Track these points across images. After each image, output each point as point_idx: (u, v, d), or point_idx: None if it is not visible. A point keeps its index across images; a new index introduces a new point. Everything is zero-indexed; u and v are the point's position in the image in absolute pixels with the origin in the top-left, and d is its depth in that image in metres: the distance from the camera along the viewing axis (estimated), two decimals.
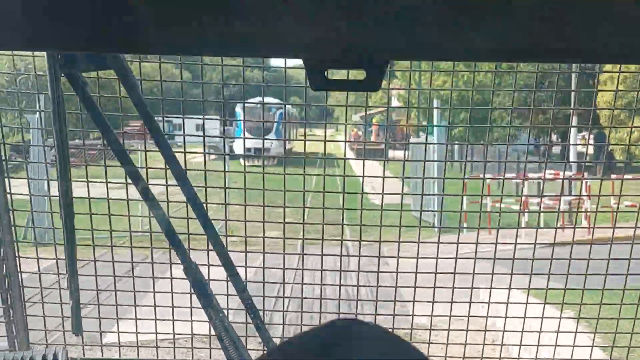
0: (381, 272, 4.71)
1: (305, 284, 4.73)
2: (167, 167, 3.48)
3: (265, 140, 5.07)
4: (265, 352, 1.35)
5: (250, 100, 9.27)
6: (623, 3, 1.41)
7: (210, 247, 3.67)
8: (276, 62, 4.56)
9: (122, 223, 4.23)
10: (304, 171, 4.79)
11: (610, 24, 1.46)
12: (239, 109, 10.61)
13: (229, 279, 3.67)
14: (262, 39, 1.57)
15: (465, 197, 6.74)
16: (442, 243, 4.55)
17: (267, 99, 5.06)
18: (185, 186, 3.45)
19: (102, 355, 4.35)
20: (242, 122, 9.66)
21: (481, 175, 5.64)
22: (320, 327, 1.34)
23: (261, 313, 3.85)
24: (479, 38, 1.63)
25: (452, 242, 4.72)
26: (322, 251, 4.53)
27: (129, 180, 3.43)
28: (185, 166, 3.96)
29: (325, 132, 5.45)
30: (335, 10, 1.50)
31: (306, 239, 5.25)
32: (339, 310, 4.52)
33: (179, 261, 3.45)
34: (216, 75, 4.29)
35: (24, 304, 4.16)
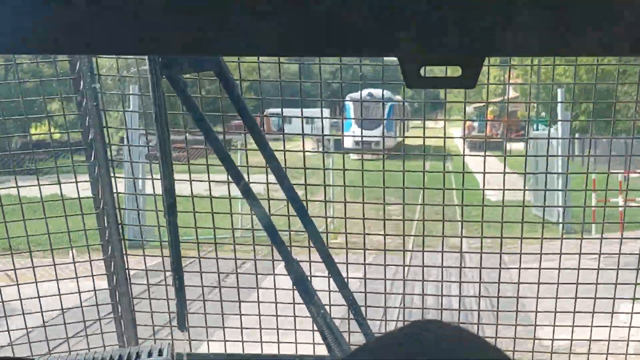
0: (502, 282, 4.59)
1: (413, 280, 4.66)
2: (267, 165, 3.51)
3: (375, 134, 5.12)
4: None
5: (352, 94, 8.99)
6: None
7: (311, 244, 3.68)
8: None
9: (225, 221, 4.28)
10: (423, 168, 4.71)
11: None
12: (348, 102, 10.47)
13: (329, 275, 3.67)
14: (358, 39, 1.56)
15: (593, 194, 6.44)
16: (565, 239, 4.47)
17: (378, 91, 5.11)
18: (284, 184, 3.47)
19: (209, 351, 4.41)
20: (350, 115, 9.34)
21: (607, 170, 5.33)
22: (402, 328, 1.33)
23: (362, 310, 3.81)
24: (586, 31, 1.57)
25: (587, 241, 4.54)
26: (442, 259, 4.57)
27: (230, 179, 3.46)
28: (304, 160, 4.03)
29: (444, 125, 5.47)
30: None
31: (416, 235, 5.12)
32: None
33: (281, 259, 3.49)
34: (323, 68, 4.37)
35: (131, 301, 4.26)
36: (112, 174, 4.09)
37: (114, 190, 4.10)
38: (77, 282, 4.26)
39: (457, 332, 1.29)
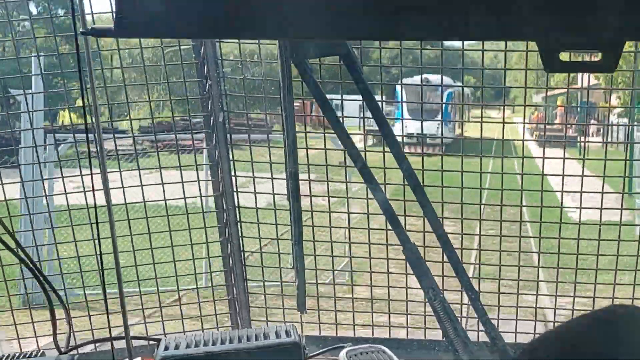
0: None
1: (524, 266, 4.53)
2: (389, 149, 3.51)
3: (431, 125, 4.91)
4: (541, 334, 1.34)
5: (405, 79, 8.14)
6: None
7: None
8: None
9: (342, 205, 4.31)
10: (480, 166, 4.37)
11: None
12: (399, 87, 8.64)
13: (447, 259, 3.67)
14: (500, 22, 1.56)
15: None
16: None
17: (435, 77, 4.88)
18: (404, 166, 3.48)
19: (320, 333, 4.45)
20: (402, 104, 7.70)
21: None
22: (598, 312, 1.31)
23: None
24: None
25: None
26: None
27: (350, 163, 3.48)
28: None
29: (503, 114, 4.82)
30: None
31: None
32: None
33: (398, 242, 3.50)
34: (382, 53, 4.09)
35: (246, 282, 4.33)
36: (231, 158, 4.14)
37: (232, 174, 4.16)
38: (194, 263, 4.34)
39: None
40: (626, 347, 1.18)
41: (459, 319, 3.84)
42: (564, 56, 1.71)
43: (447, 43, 4.42)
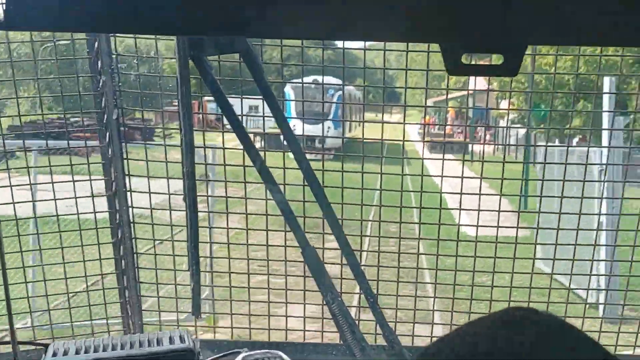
0: None
1: (421, 268, 4.56)
2: (289, 149, 3.47)
3: (320, 129, 4.71)
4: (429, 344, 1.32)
5: (294, 80, 7.28)
6: None
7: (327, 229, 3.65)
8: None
9: (240, 204, 4.23)
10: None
11: None
12: (288, 88, 7.70)
13: (346, 261, 3.65)
14: (398, 23, 1.53)
15: None
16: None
17: (325, 78, 4.78)
18: (304, 167, 3.44)
19: (215, 337, 4.38)
20: (291, 105, 7.28)
21: None
22: (495, 314, 1.30)
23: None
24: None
25: None
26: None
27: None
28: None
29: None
30: None
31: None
32: None
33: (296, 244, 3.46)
34: (277, 54, 3.99)
35: (138, 285, 4.21)
36: (125, 156, 4.01)
37: (126, 172, 4.03)
38: (84, 265, 4.19)
39: (558, 323, 1.27)
40: (523, 348, 1.19)
41: (357, 322, 3.83)
42: (466, 59, 1.68)
43: (339, 43, 4.39)
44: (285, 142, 3.53)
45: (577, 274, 4.36)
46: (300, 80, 4.74)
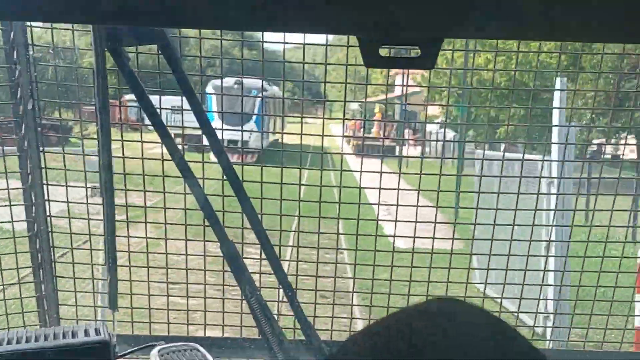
0: None
1: (337, 263, 4.58)
2: (207, 143, 3.47)
3: (242, 131, 4.56)
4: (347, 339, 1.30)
5: (215, 82, 6.49)
6: None
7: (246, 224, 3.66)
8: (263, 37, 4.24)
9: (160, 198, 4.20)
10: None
11: None
12: (210, 89, 7.64)
13: (265, 257, 3.66)
14: (315, 16, 1.55)
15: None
16: None
17: (247, 80, 4.64)
18: (224, 162, 3.45)
19: (133, 332, 4.34)
20: (212, 106, 6.31)
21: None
22: (415, 306, 1.29)
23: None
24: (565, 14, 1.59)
25: None
26: None
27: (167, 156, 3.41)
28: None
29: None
30: None
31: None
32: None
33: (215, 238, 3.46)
34: (204, 52, 3.85)
35: (55, 280, 4.16)
36: (41, 149, 3.96)
37: (42, 166, 3.97)
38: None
39: (480, 313, 1.27)
40: (441, 338, 1.18)
41: (276, 316, 3.84)
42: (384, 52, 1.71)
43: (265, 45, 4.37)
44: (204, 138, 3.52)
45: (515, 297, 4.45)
46: (221, 80, 4.62)
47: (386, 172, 4.46)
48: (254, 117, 6.09)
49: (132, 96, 3.36)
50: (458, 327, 1.20)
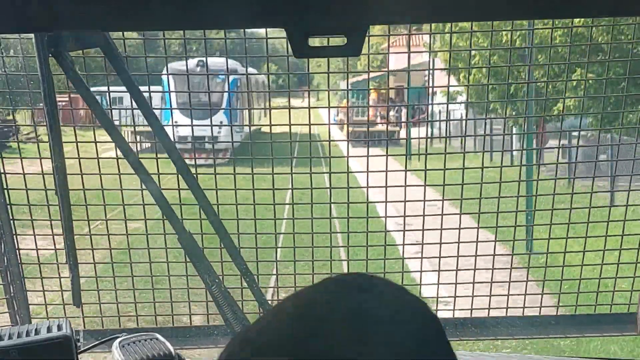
0: None
1: (297, 247, 4.58)
2: (157, 140, 3.55)
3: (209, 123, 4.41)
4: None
5: (174, 64, 6.06)
6: None
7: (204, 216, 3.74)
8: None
9: (116, 197, 4.28)
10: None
11: None
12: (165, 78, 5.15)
13: (222, 245, 3.75)
14: (243, 12, 1.64)
15: None
16: None
17: (215, 60, 4.33)
18: (176, 158, 3.53)
19: (103, 326, 4.43)
20: (170, 97, 5.19)
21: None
22: (321, 283, 1.35)
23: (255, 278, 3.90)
24: None
25: None
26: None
27: (120, 155, 3.49)
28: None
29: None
30: None
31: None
32: None
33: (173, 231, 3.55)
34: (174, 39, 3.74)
35: (23, 280, 4.24)
36: None
37: (1, 170, 4.04)
38: None
39: (386, 285, 1.33)
40: (354, 311, 1.23)
41: (239, 302, 3.93)
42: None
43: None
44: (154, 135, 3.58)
45: None
46: (180, 64, 4.38)
47: (393, 171, 4.46)
48: (224, 104, 5.50)
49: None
50: (368, 300, 1.26)
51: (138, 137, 4.41)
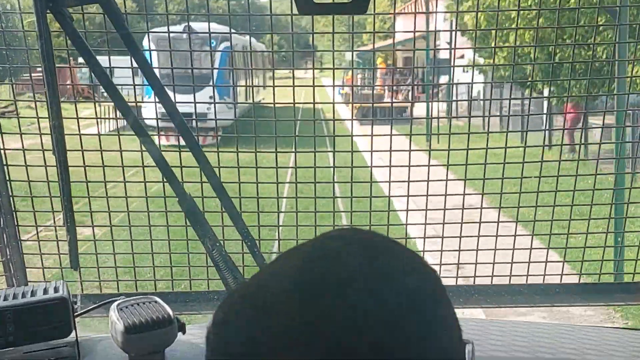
0: None
1: (299, 212, 4.53)
2: (158, 101, 3.48)
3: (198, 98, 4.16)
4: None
5: (157, 30, 5.37)
6: None
7: (204, 179, 3.69)
8: None
9: (115, 158, 4.22)
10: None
11: None
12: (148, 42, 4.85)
13: (223, 210, 3.69)
14: None
15: None
16: None
17: (201, 25, 4.02)
18: (175, 118, 3.47)
19: (101, 291, 4.40)
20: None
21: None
22: (311, 241, 1.34)
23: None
24: None
25: None
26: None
27: (120, 115, 3.42)
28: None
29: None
30: None
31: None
32: None
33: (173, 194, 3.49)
34: (172, 6, 3.54)
35: (20, 242, 4.19)
36: None
37: None
38: None
39: (375, 238, 1.32)
40: (347, 267, 1.21)
41: (240, 267, 3.89)
42: None
43: None
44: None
45: None
46: (163, 30, 3.98)
47: (413, 150, 4.35)
48: (216, 76, 5.05)
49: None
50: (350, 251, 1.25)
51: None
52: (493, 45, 4.34)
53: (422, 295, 1.24)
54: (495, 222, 4.38)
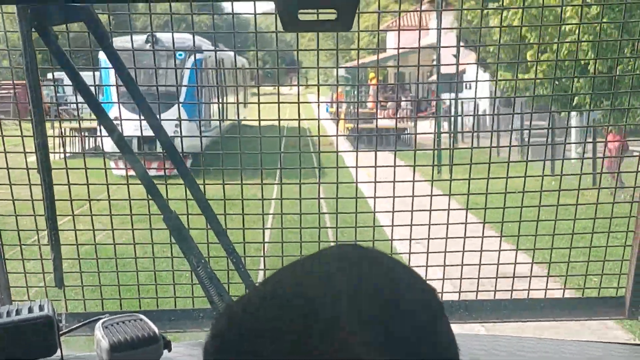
0: None
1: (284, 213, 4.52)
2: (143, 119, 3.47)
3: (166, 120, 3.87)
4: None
5: (120, 39, 5.31)
6: None
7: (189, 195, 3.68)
8: None
9: (100, 176, 4.21)
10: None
11: None
12: (103, 56, 3.35)
13: (209, 225, 3.69)
14: None
15: None
16: None
17: (168, 36, 3.93)
18: (163, 137, 3.46)
19: (85, 309, 4.37)
20: (109, 81, 4.32)
21: None
22: (316, 255, 1.33)
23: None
24: None
25: None
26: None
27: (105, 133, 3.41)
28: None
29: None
30: None
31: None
32: None
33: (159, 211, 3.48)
34: (154, 19, 3.50)
35: (4, 262, 4.17)
36: None
37: None
38: None
39: (375, 255, 1.31)
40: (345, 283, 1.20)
41: (225, 285, 3.88)
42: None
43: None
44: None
45: None
46: (125, 40, 3.82)
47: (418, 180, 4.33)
48: (183, 96, 4.51)
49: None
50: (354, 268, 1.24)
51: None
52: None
53: (423, 316, 1.22)
54: (480, 237, 4.40)
